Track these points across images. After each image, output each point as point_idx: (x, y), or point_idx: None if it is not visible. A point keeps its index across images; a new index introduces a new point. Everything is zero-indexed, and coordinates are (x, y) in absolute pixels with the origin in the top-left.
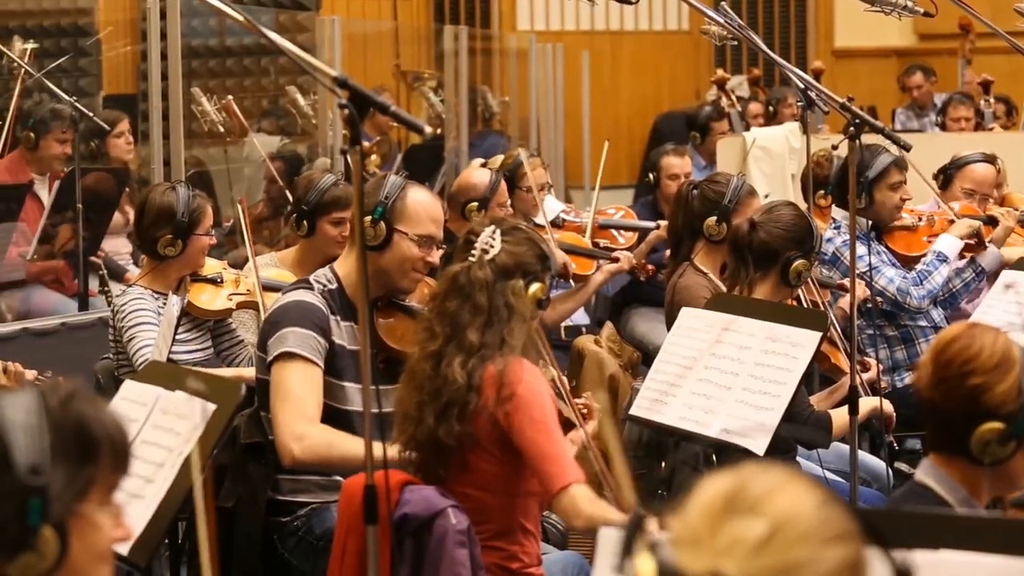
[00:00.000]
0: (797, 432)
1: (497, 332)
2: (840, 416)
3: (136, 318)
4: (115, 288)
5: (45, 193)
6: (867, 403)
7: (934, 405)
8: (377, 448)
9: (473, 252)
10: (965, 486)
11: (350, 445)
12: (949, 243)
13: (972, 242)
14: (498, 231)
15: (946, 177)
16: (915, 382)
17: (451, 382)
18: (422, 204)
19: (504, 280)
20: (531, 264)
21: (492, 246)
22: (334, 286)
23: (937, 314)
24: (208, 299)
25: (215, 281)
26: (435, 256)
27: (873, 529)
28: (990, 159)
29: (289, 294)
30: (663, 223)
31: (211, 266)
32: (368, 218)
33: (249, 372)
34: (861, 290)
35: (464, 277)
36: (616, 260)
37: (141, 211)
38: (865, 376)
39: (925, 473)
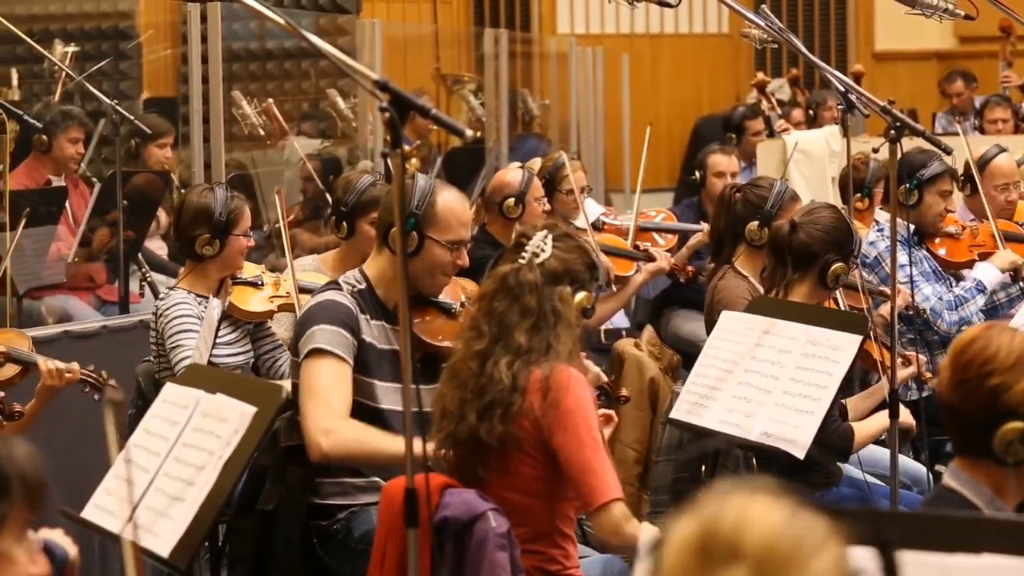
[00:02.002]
0: (824, 438)
1: (544, 336)
2: (864, 429)
3: (178, 325)
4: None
5: None
6: (876, 422)
7: (955, 408)
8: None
9: (523, 255)
10: (991, 488)
11: (379, 440)
12: (990, 274)
13: (1010, 276)
14: (550, 236)
15: (971, 184)
16: (935, 386)
17: (496, 381)
18: (452, 210)
19: (552, 285)
20: (580, 272)
21: (543, 250)
22: (363, 286)
23: (978, 320)
24: (248, 301)
25: (255, 284)
26: (464, 258)
27: (854, 525)
28: (1003, 148)
29: (318, 295)
30: (705, 226)
31: (250, 269)
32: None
33: None
34: (902, 296)
35: (513, 278)
36: (654, 260)
37: (179, 212)
38: (907, 371)
39: (952, 477)
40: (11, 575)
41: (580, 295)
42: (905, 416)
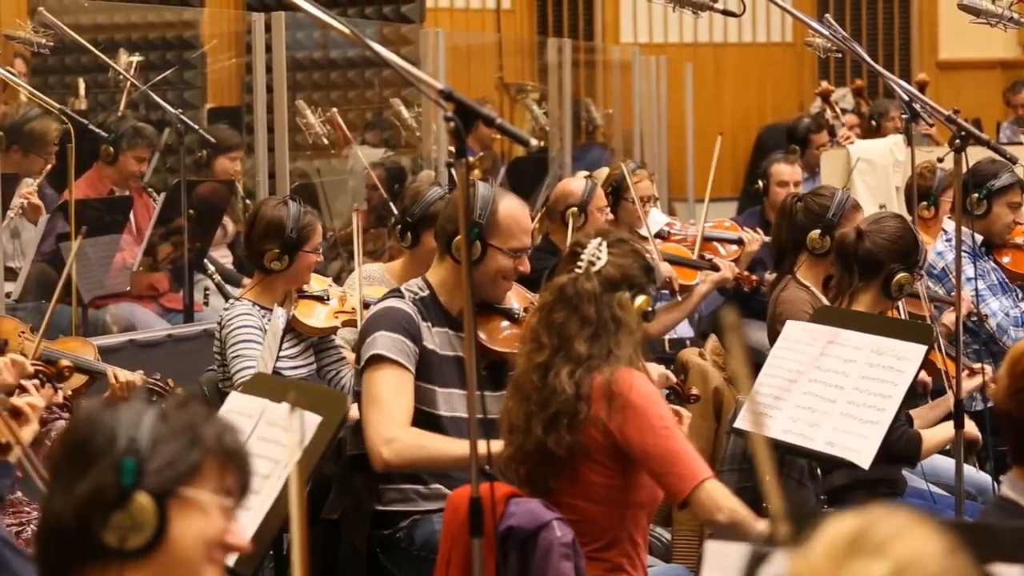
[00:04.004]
0: (892, 444)
1: (604, 343)
2: (932, 437)
3: (239, 335)
4: (224, 298)
5: None
6: (943, 431)
7: (1011, 418)
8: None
9: (580, 264)
10: None
11: (441, 445)
12: None
13: None
14: (604, 243)
15: None
16: (992, 396)
17: (559, 392)
18: (513, 217)
19: (610, 292)
20: (637, 276)
21: (599, 258)
22: (426, 293)
23: None
24: (313, 316)
25: (321, 298)
26: (525, 265)
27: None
28: None
29: (380, 304)
30: (766, 238)
31: (318, 282)
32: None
33: None
34: (965, 304)
35: (571, 288)
36: (718, 270)
37: (251, 224)
38: (973, 382)
39: (1009, 487)
40: (199, 526)
41: (640, 299)
42: (970, 427)
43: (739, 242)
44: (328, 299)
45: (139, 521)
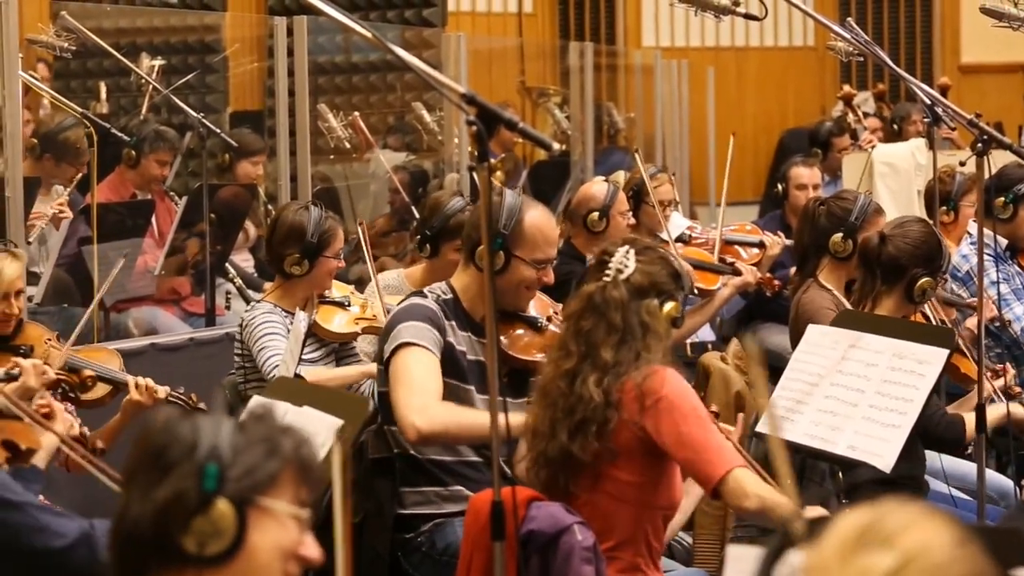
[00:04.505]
0: (932, 430)
1: (632, 349)
2: (972, 420)
3: (265, 329)
4: (245, 302)
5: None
6: (995, 410)
7: None
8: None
9: (607, 272)
10: None
11: (473, 414)
12: None
13: None
14: (632, 251)
15: None
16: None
17: (586, 400)
18: (539, 228)
19: (639, 299)
20: (665, 283)
21: (626, 266)
22: (449, 296)
23: None
24: (334, 321)
25: (342, 304)
26: (550, 276)
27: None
28: None
29: (403, 302)
30: (788, 241)
31: (340, 288)
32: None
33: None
34: (990, 309)
35: (599, 296)
36: (740, 274)
37: (273, 228)
38: (997, 383)
39: None
40: (276, 536)
41: (668, 305)
42: (1015, 409)
43: (760, 245)
44: (349, 305)
45: (219, 528)
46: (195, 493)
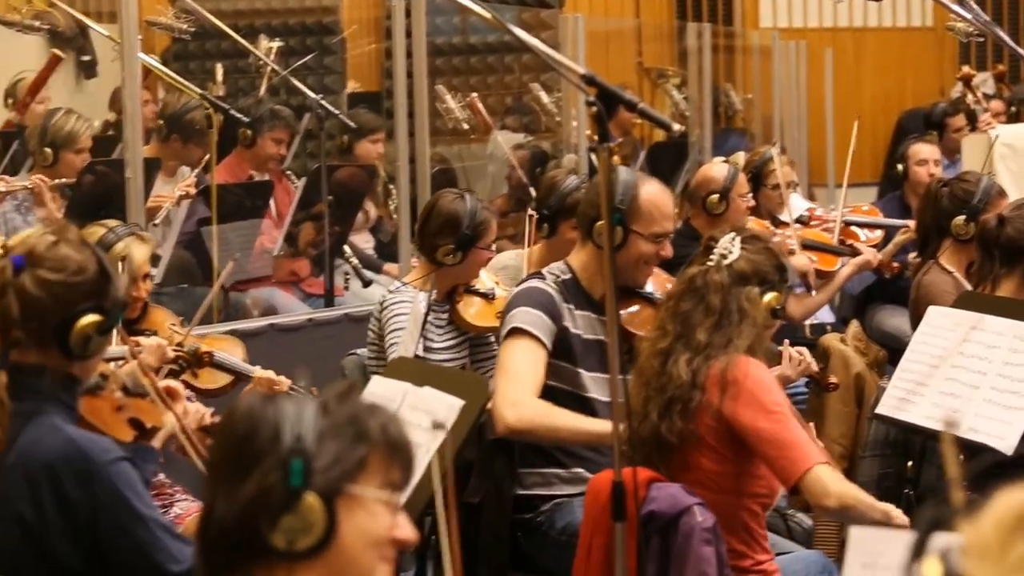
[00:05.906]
0: None
1: (725, 333)
2: None
3: (401, 321)
4: (362, 283)
5: None
6: None
7: None
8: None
9: (712, 257)
10: None
11: (565, 417)
12: None
13: None
14: (738, 238)
15: None
16: None
17: (675, 379)
18: (655, 203)
19: (740, 286)
20: (768, 273)
21: (731, 252)
22: (568, 276)
23: None
24: (477, 313)
25: (487, 296)
26: (668, 249)
27: None
28: None
29: (521, 285)
30: (910, 223)
31: (488, 279)
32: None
33: None
34: None
35: (701, 280)
36: (860, 254)
37: (427, 215)
38: None
39: None
40: (368, 525)
41: (769, 295)
42: None
43: (880, 227)
44: (493, 298)
45: (309, 523)
46: (281, 489)
